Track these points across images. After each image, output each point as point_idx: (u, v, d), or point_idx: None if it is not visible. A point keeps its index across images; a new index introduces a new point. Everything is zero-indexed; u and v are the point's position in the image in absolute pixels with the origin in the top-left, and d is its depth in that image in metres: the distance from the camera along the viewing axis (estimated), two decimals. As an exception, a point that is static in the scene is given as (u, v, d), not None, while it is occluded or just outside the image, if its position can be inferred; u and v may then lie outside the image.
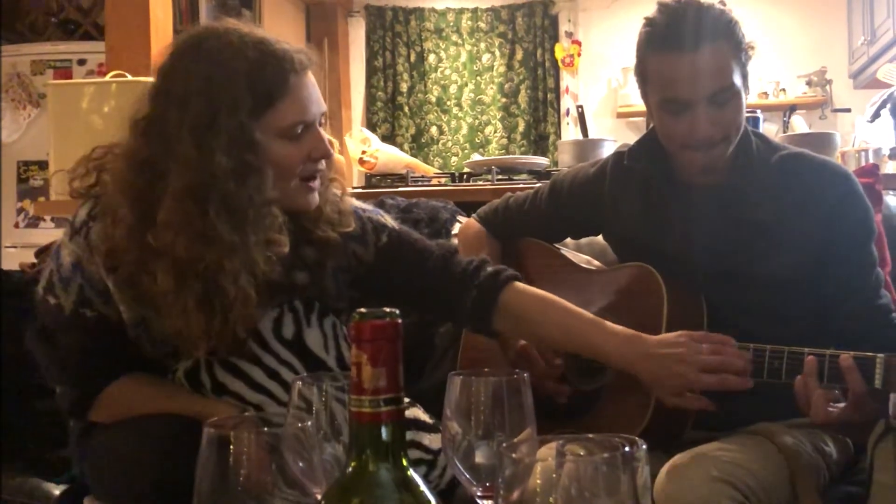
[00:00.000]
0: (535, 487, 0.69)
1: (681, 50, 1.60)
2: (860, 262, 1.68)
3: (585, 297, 1.87)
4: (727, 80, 1.61)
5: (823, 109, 5.97)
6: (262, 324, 1.53)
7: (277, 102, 1.44)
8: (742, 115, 1.67)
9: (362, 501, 0.67)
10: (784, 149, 1.76)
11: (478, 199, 2.52)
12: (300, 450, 0.83)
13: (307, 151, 1.49)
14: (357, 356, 0.67)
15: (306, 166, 1.49)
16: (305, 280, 1.60)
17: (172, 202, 1.40)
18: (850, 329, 1.64)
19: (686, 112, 1.63)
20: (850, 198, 1.68)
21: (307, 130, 1.48)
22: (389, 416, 0.67)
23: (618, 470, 0.69)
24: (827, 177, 1.70)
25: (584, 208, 1.94)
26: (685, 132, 1.64)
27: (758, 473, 1.50)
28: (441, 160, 6.68)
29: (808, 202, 1.68)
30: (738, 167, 1.71)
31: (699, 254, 1.73)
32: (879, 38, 4.88)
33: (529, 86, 6.69)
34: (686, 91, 1.61)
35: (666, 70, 1.63)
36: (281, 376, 1.52)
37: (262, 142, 1.43)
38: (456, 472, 1.00)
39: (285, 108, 1.45)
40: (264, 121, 1.44)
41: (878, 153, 3.28)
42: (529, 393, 1.00)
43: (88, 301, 1.50)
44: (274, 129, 1.45)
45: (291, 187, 1.49)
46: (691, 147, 1.66)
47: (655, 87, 1.67)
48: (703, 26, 1.61)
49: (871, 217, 1.70)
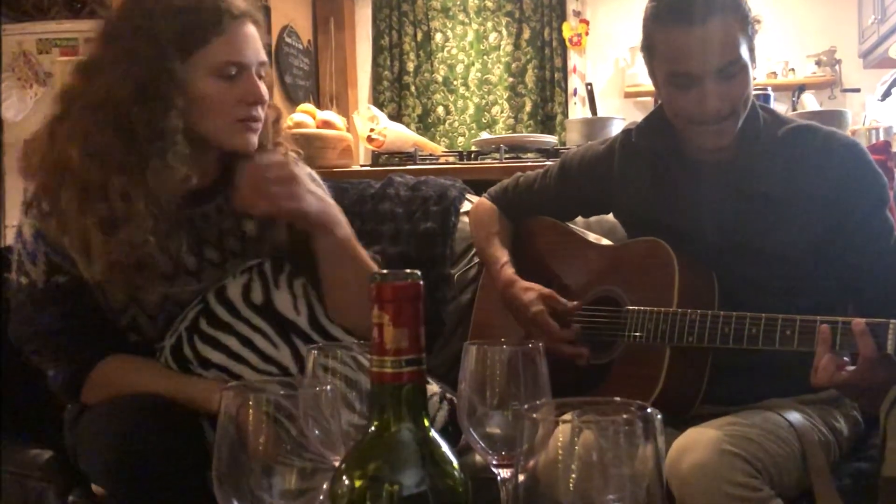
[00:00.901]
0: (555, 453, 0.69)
1: (689, 23, 1.59)
2: (878, 229, 1.66)
3: (597, 272, 1.87)
4: (735, 53, 1.60)
5: (833, 89, 5.93)
6: (231, 290, 1.58)
7: (211, 40, 1.52)
8: (749, 89, 1.66)
9: (384, 461, 0.67)
10: (791, 122, 1.75)
11: (486, 178, 2.52)
12: (317, 417, 0.83)
13: (240, 94, 1.55)
14: (378, 317, 0.66)
15: (241, 108, 1.56)
16: (253, 230, 1.65)
17: (76, 118, 1.51)
18: (872, 297, 1.64)
19: (694, 86, 1.61)
20: (860, 166, 1.67)
21: (241, 74, 1.55)
22: (411, 376, 0.67)
23: (637, 436, 0.68)
24: (835, 147, 1.68)
25: (594, 186, 1.93)
26: (693, 107, 1.63)
27: (769, 448, 1.50)
28: (447, 140, 6.66)
29: (817, 174, 1.66)
30: (746, 141, 1.70)
31: (709, 229, 1.72)
32: (890, 16, 4.83)
33: (537, 65, 6.65)
34: (695, 65, 1.60)
35: (674, 43, 1.62)
36: (254, 343, 1.56)
37: (187, 75, 1.51)
38: (471, 441, 1.00)
39: (217, 48, 1.53)
40: (196, 56, 1.52)
41: (889, 131, 3.26)
42: (545, 363, 1.00)
43: (57, 266, 1.56)
44: (205, 66, 1.53)
45: (227, 126, 1.56)
46: (700, 122, 1.65)
47: (663, 61, 1.66)
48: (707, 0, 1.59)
49: (884, 184, 1.68)
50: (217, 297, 1.59)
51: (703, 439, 1.48)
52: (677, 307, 1.65)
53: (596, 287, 1.84)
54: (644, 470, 0.68)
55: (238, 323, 1.57)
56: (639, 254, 1.80)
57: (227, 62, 1.54)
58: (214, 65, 1.53)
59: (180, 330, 1.59)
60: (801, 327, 1.50)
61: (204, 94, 1.53)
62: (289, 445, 0.81)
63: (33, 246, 1.57)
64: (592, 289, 1.84)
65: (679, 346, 1.62)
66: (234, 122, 1.57)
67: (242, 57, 1.55)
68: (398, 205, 2.47)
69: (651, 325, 1.66)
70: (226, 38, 1.53)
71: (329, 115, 3.18)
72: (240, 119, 1.57)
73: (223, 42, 1.53)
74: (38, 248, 1.56)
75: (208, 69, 1.53)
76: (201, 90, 1.53)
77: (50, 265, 1.56)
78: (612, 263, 1.86)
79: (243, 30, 1.56)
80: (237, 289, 1.59)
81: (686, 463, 1.45)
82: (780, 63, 6.02)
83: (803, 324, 1.50)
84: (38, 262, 1.56)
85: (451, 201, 2.46)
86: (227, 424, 0.78)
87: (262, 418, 0.79)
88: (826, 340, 1.45)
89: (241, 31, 1.56)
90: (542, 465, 0.69)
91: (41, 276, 1.57)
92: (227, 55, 1.54)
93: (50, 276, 1.56)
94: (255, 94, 1.57)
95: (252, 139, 1.60)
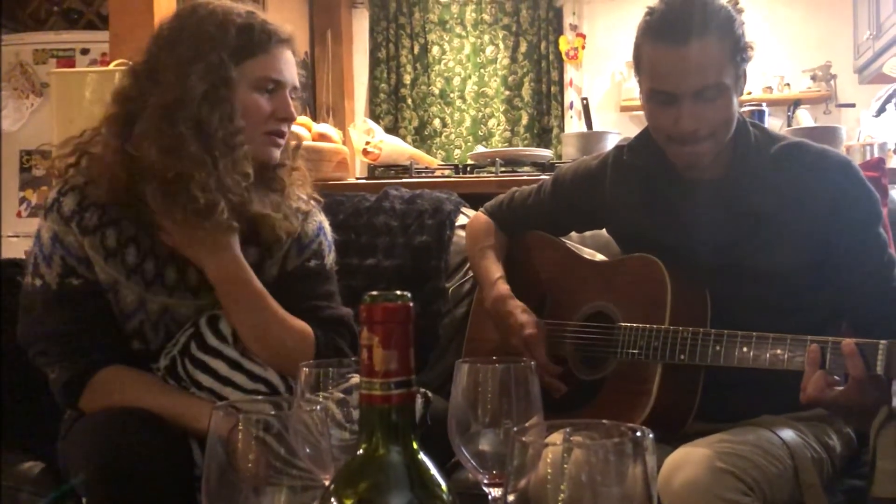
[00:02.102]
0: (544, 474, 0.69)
1: (675, 42, 1.60)
2: (871, 246, 1.66)
3: (590, 288, 1.87)
4: (715, 78, 1.61)
5: (828, 104, 5.94)
6: (223, 322, 1.64)
7: (258, 55, 1.64)
8: (731, 113, 1.66)
9: (372, 484, 0.67)
10: (783, 139, 1.75)
11: (482, 191, 2.52)
12: (308, 435, 0.83)
13: (274, 108, 1.67)
14: (368, 339, 0.66)
15: (272, 122, 1.68)
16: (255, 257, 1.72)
17: (148, 117, 1.58)
18: (866, 313, 1.64)
19: (673, 105, 1.63)
20: (853, 184, 1.67)
21: (277, 91, 1.68)
22: (400, 399, 0.67)
23: (627, 457, 0.68)
24: (827, 165, 1.69)
25: (587, 201, 1.94)
26: (670, 125, 1.65)
27: (761, 465, 1.50)
28: (444, 153, 6.67)
29: (808, 191, 1.67)
30: (738, 159, 1.70)
31: (701, 247, 1.72)
32: (885, 32, 4.85)
33: (533, 78, 6.67)
34: (672, 84, 1.62)
35: (657, 60, 1.64)
36: (243, 366, 1.62)
37: (237, 82, 1.62)
38: (462, 460, 1.00)
39: (263, 63, 1.65)
40: (243, 67, 1.63)
41: (884, 147, 3.26)
42: (536, 381, 1.00)
43: (72, 269, 1.62)
44: (249, 77, 1.64)
45: (257, 137, 1.66)
46: (677, 141, 1.67)
47: (646, 76, 1.68)
48: (698, 21, 1.60)
49: (876, 200, 1.68)
50: (209, 324, 1.64)
51: (694, 457, 1.48)
52: (669, 324, 1.65)
53: (589, 303, 1.84)
54: (634, 490, 0.68)
55: (226, 348, 1.62)
56: (631, 270, 1.80)
57: (268, 78, 1.66)
58: (257, 78, 1.65)
59: (174, 353, 1.63)
60: (791, 346, 1.51)
61: (244, 102, 1.63)
62: (278, 464, 0.80)
63: (50, 248, 1.62)
64: (585, 304, 1.84)
65: (671, 364, 1.62)
66: (263, 134, 1.68)
67: (281, 75, 1.68)
68: (393, 218, 2.47)
69: (643, 343, 1.66)
70: (270, 56, 1.66)
71: (325, 127, 3.18)
72: (269, 132, 1.68)
73: (268, 59, 1.66)
74: (54, 251, 1.62)
75: (251, 81, 1.64)
76: (242, 99, 1.63)
77: (65, 268, 1.61)
78: (605, 279, 1.86)
79: (285, 53, 1.70)
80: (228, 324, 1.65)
81: (678, 480, 1.44)
82: (775, 78, 6.04)
83: (794, 343, 1.51)
84: (54, 265, 1.61)
85: (447, 215, 2.46)
86: (216, 444, 0.77)
87: (251, 438, 0.79)
88: (815, 361, 1.46)
89: (284, 54, 1.69)
90: (532, 485, 0.69)
91: (55, 277, 1.61)
92: (269, 71, 1.66)
93: (64, 278, 1.61)
94: (286, 111, 1.69)
95: (276, 153, 1.71)
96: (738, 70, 1.64)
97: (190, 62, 1.59)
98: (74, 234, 1.61)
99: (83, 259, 1.62)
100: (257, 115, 1.65)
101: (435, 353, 2.29)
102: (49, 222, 1.63)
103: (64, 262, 1.61)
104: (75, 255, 1.61)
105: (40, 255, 1.63)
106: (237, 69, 1.62)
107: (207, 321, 1.65)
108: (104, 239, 1.62)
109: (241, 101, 1.62)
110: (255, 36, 1.64)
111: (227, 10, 1.64)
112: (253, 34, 1.64)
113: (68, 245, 1.61)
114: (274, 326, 1.65)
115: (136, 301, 1.65)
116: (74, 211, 1.62)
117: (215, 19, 1.62)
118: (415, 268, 2.39)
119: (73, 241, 1.61)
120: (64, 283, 1.61)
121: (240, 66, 1.62)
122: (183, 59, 1.60)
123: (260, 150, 1.67)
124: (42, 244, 1.64)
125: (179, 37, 1.63)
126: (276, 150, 1.70)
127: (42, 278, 1.62)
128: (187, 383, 1.60)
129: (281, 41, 1.68)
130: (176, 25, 1.66)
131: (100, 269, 1.62)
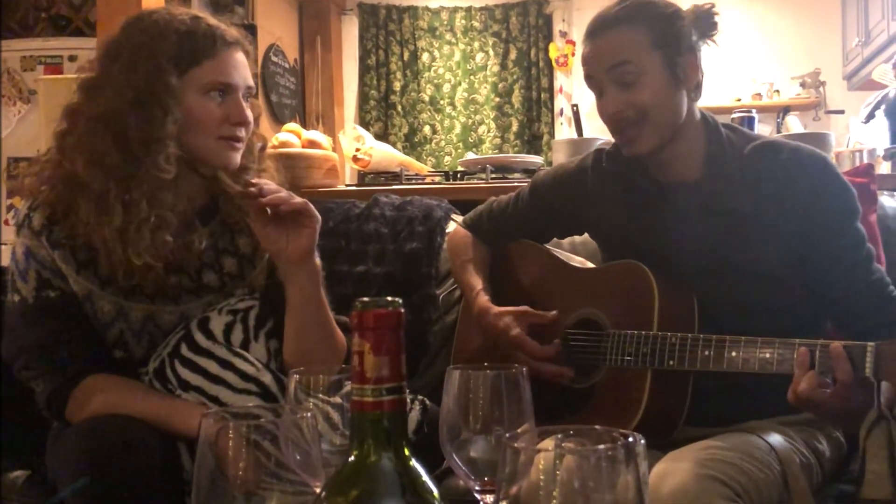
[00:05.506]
0: (536, 481, 0.68)
1: (592, 35, 1.72)
2: (848, 241, 1.67)
3: (578, 295, 1.87)
4: (623, 56, 1.66)
5: (817, 111, 5.98)
6: (214, 324, 1.65)
7: (203, 62, 1.63)
8: (661, 99, 1.68)
9: (364, 491, 0.66)
10: (757, 138, 1.76)
11: (472, 198, 2.52)
12: (298, 442, 0.82)
13: (226, 113, 1.65)
14: (359, 345, 0.66)
15: (225, 127, 1.65)
16: (234, 267, 1.74)
17: (78, 130, 1.61)
18: (847, 308, 1.66)
19: (602, 94, 1.71)
20: (827, 179, 1.68)
21: (228, 95, 1.66)
22: (391, 405, 0.66)
23: (619, 463, 0.68)
24: (801, 160, 1.70)
25: (566, 205, 1.94)
26: (601, 111, 1.73)
27: (750, 471, 1.50)
28: (434, 159, 6.67)
29: (784, 188, 1.68)
30: (712, 160, 1.72)
31: (684, 250, 1.73)
32: (874, 38, 4.89)
33: (523, 85, 6.69)
34: (591, 68, 1.72)
35: (584, 55, 1.74)
36: (234, 365, 1.61)
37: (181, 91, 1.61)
38: (454, 466, 1.00)
39: (209, 68, 1.63)
40: (190, 75, 1.62)
41: (873, 154, 3.28)
42: (528, 387, 1.00)
43: (47, 282, 1.63)
44: (196, 84, 1.63)
45: (211, 143, 1.65)
46: (613, 130, 1.74)
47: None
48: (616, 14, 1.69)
49: (852, 195, 1.69)
50: (200, 326, 1.65)
51: (681, 464, 1.48)
52: (658, 330, 1.65)
53: (577, 310, 1.84)
54: (626, 496, 0.68)
55: (218, 348, 1.63)
56: (618, 276, 1.80)
57: (215, 82, 1.64)
58: (205, 84, 1.63)
59: (163, 355, 1.63)
60: (779, 349, 1.51)
61: (193, 109, 1.62)
62: (269, 471, 0.80)
63: (24, 263, 1.63)
64: (573, 311, 1.84)
65: (660, 370, 1.62)
66: (218, 139, 1.65)
67: (230, 79, 1.65)
68: (383, 225, 2.47)
69: (632, 349, 1.66)
70: (217, 60, 1.64)
71: (315, 134, 3.18)
72: (224, 137, 1.66)
73: (214, 64, 1.64)
74: (28, 266, 1.63)
75: (199, 87, 1.63)
76: (190, 106, 1.62)
77: (39, 281, 1.62)
78: (593, 286, 1.86)
79: (233, 55, 1.67)
80: (220, 325, 1.65)
81: (666, 488, 1.44)
82: (765, 84, 6.08)
83: (782, 346, 1.51)
84: (29, 279, 1.62)
85: (437, 221, 2.46)
86: (206, 451, 0.77)
87: (241, 444, 0.79)
88: (804, 364, 1.46)
89: (232, 57, 1.67)
90: (524, 492, 0.68)
91: (31, 291, 1.62)
92: (216, 76, 1.64)
93: (39, 291, 1.62)
94: (239, 115, 1.66)
95: (234, 157, 1.68)
96: (669, 60, 1.67)
97: (125, 72, 1.60)
98: (45, 248, 1.62)
99: (56, 271, 1.63)
100: (208, 120, 1.64)
101: (425, 360, 2.28)
102: (21, 238, 1.65)
103: (39, 275, 1.62)
104: (49, 267, 1.62)
105: (16, 272, 1.65)
106: (184, 77, 1.61)
107: (198, 323, 1.65)
108: (74, 251, 1.63)
109: (190, 108, 1.62)
110: (199, 42, 1.63)
111: (170, 19, 1.64)
112: (196, 40, 1.63)
113: (41, 259, 1.62)
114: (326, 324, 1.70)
115: (114, 311, 1.65)
116: (44, 225, 1.62)
117: (156, 29, 1.62)
118: (405, 275, 2.39)
119: (45, 255, 1.62)
120: (40, 296, 1.62)
121: (187, 73, 1.62)
122: (119, 70, 1.61)
123: (216, 155, 1.66)
124: (17, 260, 1.65)
125: (120, 48, 1.63)
126: (235, 154, 1.68)
127: (19, 293, 1.63)
128: (174, 385, 1.60)
129: (227, 44, 1.66)
130: (119, 37, 1.66)
131: (73, 280, 1.63)
